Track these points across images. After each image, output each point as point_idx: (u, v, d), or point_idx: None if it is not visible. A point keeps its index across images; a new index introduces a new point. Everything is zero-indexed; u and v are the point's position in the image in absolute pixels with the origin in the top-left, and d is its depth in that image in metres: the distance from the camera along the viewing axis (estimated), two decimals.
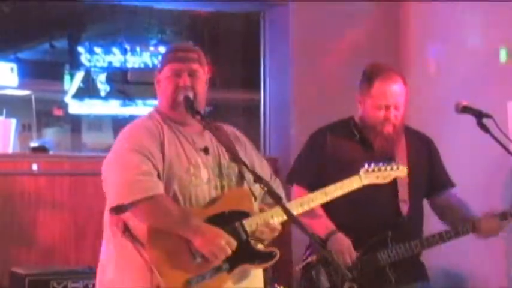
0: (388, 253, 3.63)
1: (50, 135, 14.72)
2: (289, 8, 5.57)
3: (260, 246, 2.96)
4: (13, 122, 5.53)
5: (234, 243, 2.83)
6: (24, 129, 13.49)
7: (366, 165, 3.17)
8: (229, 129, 3.16)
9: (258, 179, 2.82)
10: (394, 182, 3.68)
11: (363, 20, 5.63)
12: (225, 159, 3.03)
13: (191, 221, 2.83)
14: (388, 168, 3.26)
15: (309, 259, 3.62)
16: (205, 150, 3.00)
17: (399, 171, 3.30)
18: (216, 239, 2.80)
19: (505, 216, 3.65)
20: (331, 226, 3.62)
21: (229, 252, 2.82)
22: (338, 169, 3.15)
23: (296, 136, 5.28)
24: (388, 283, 3.64)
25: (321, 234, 3.61)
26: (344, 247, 3.59)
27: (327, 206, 3.50)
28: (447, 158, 4.02)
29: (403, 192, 3.71)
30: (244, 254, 2.90)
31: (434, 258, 3.93)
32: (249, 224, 2.92)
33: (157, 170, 2.86)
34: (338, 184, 3.15)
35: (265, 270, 3.10)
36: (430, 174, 3.83)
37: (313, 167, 3.73)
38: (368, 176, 3.20)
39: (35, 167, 5.02)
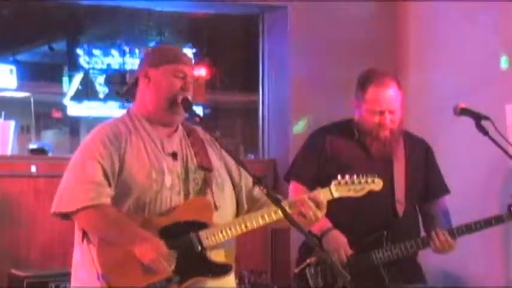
0: (383, 252, 3.64)
1: (48, 137, 14.73)
2: (288, 10, 5.57)
3: (216, 259, 2.84)
4: (12, 124, 5.53)
5: (170, 255, 2.73)
6: (23, 131, 13.50)
7: (339, 177, 3.02)
8: (201, 132, 3.06)
9: (257, 181, 2.76)
10: (391, 183, 3.69)
11: (362, 22, 5.62)
12: (193, 162, 2.94)
13: (130, 230, 2.76)
14: (363, 181, 3.05)
15: (308, 261, 3.62)
16: (174, 155, 2.92)
17: (374, 184, 3.09)
18: (152, 251, 2.71)
19: (453, 233, 3.62)
20: (327, 223, 3.62)
21: (166, 265, 2.72)
22: (336, 169, 3.13)
23: (295, 137, 5.29)
24: (381, 283, 3.64)
25: (316, 231, 3.61)
26: (339, 244, 3.60)
27: None
28: (445, 160, 4.02)
29: (400, 194, 3.72)
30: (198, 266, 2.80)
31: (432, 258, 3.93)
32: (205, 235, 2.81)
33: (108, 177, 2.80)
34: (304, 196, 2.96)
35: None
36: (426, 180, 3.83)
37: (312, 165, 3.74)
38: (339, 188, 3.00)
39: (33, 169, 5.02)
